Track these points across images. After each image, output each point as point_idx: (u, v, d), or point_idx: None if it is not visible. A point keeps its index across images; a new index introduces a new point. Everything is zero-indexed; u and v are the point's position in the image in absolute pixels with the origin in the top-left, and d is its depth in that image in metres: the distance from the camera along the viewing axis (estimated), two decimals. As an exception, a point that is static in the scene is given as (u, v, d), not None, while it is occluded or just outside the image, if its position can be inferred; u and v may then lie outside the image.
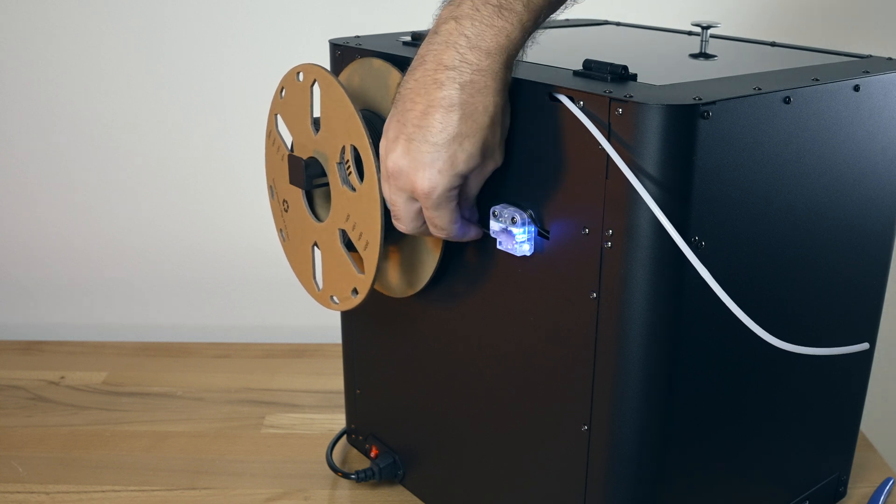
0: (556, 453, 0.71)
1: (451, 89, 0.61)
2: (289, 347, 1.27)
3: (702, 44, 0.80)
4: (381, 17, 1.23)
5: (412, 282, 0.79)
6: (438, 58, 0.62)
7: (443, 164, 0.63)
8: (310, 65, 0.76)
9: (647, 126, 0.58)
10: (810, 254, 0.72)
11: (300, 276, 0.83)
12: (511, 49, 0.61)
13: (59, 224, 1.34)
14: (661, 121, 0.57)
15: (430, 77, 0.62)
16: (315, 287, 0.81)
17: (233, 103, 1.27)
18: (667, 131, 0.58)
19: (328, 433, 1.03)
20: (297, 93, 0.78)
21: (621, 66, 0.64)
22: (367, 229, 0.72)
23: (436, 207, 0.65)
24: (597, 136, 0.60)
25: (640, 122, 0.58)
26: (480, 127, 0.62)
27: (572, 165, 0.63)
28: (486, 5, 0.61)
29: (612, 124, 0.59)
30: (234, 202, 1.32)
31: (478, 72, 0.61)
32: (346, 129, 0.72)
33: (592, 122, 0.60)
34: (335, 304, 0.79)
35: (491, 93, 0.62)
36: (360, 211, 0.73)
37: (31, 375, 1.18)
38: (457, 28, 0.61)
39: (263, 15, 1.24)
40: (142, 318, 1.36)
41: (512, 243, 0.68)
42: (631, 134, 0.58)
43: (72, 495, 0.92)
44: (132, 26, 1.25)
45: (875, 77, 0.70)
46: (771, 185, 0.65)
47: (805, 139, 0.67)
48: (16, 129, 1.29)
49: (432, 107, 0.62)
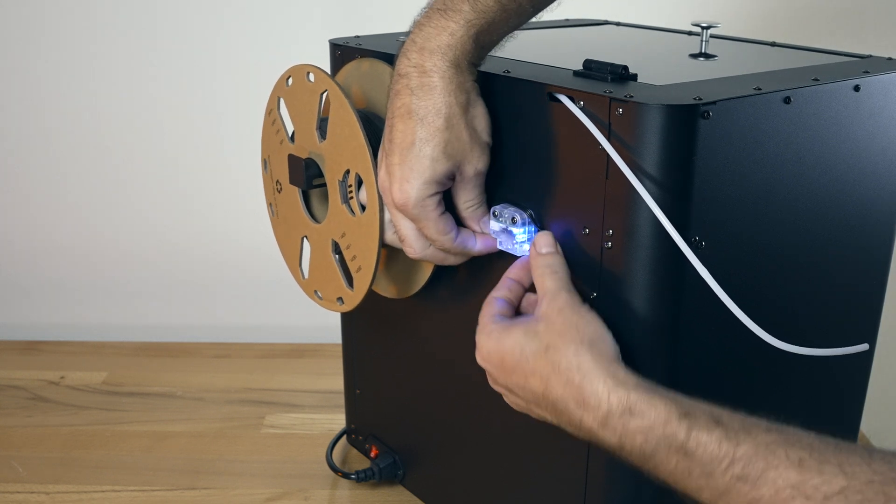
0: (556, 453, 0.71)
1: (405, 96, 0.61)
2: (289, 347, 1.27)
3: (702, 44, 0.80)
4: (381, 17, 1.23)
5: (408, 285, 0.79)
6: (396, 69, 0.62)
7: (408, 173, 0.63)
8: (324, 74, 0.74)
9: (647, 126, 0.58)
10: (810, 254, 0.72)
11: (286, 258, 0.83)
12: (457, 47, 0.60)
13: (58, 224, 1.34)
14: (661, 121, 0.57)
15: (392, 90, 0.63)
16: (300, 275, 0.81)
17: (233, 104, 1.27)
18: (667, 131, 0.58)
19: (328, 433, 1.03)
20: (306, 92, 0.77)
21: (621, 66, 0.64)
22: (362, 254, 0.72)
23: (417, 218, 0.65)
24: (597, 136, 0.60)
25: (640, 122, 0.58)
26: (437, 129, 0.62)
27: (572, 165, 0.63)
28: (434, 10, 0.61)
29: (612, 124, 0.59)
30: (234, 202, 1.32)
31: (424, 74, 0.61)
32: (353, 155, 0.71)
33: (592, 122, 0.60)
34: (318, 298, 0.79)
35: (441, 93, 0.61)
36: (358, 235, 0.72)
37: (31, 375, 1.17)
38: (410, 37, 0.62)
39: (263, 15, 1.24)
40: (142, 318, 1.36)
41: (512, 243, 0.68)
42: (631, 134, 0.58)
43: (72, 495, 0.92)
44: (130, 27, 1.25)
45: (875, 77, 0.70)
46: (771, 185, 0.65)
47: (805, 139, 0.67)
48: (15, 130, 1.29)
49: (393, 117, 0.63)
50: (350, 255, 0.73)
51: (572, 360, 0.58)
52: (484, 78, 0.68)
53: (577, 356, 0.58)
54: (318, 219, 0.79)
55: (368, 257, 0.72)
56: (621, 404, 0.56)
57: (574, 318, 0.60)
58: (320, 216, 0.79)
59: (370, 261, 0.71)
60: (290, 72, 0.78)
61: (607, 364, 0.58)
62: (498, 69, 0.68)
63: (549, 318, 0.61)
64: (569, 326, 0.60)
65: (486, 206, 0.69)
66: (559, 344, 0.59)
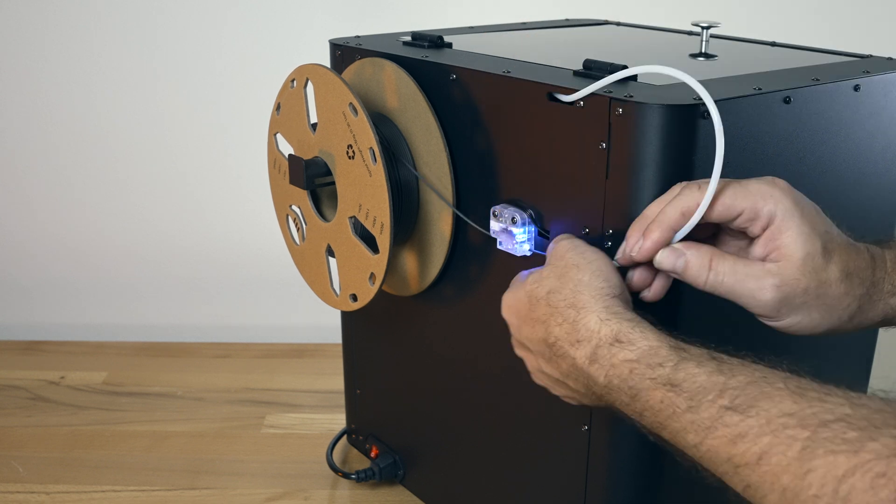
0: (557, 453, 0.71)
1: None
2: (289, 347, 1.27)
3: (702, 44, 0.80)
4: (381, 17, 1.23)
5: (421, 279, 0.79)
6: None
7: None
8: (302, 66, 0.75)
9: (647, 126, 0.58)
10: (810, 254, 0.72)
11: (318, 288, 0.83)
12: None
13: (58, 224, 1.34)
14: (661, 121, 0.57)
15: None
16: (333, 293, 0.81)
17: (234, 104, 1.27)
18: (667, 131, 0.58)
19: (328, 433, 1.03)
20: (293, 100, 0.78)
21: (621, 66, 0.64)
22: (380, 212, 0.72)
23: None
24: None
25: (640, 122, 0.58)
26: None
27: (572, 165, 0.63)
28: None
29: (612, 124, 0.59)
30: (235, 203, 1.32)
31: None
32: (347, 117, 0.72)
33: (592, 122, 0.60)
34: (354, 303, 0.79)
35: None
36: (370, 194, 0.73)
37: (31, 375, 1.17)
38: None
39: (263, 15, 1.24)
40: (142, 318, 1.36)
41: (512, 243, 0.68)
42: (631, 134, 0.58)
43: (72, 495, 0.92)
44: (131, 27, 1.25)
45: (875, 77, 0.70)
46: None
47: (805, 139, 0.67)
48: (16, 130, 1.29)
49: None
50: (371, 221, 0.73)
51: (569, 298, 0.58)
52: (484, 78, 0.68)
53: (575, 294, 0.57)
54: (328, 218, 0.79)
55: (383, 209, 0.71)
56: (611, 334, 0.55)
57: (576, 259, 0.59)
58: (329, 215, 0.79)
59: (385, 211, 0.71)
60: (278, 99, 0.80)
61: (605, 299, 0.57)
62: (498, 69, 0.68)
63: (553, 263, 0.61)
64: (569, 267, 0.59)
65: None
66: (559, 285, 0.59)
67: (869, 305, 0.58)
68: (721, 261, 0.56)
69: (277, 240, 0.87)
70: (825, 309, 0.57)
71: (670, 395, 0.51)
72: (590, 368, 0.56)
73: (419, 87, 0.73)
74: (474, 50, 0.78)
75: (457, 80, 0.70)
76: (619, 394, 0.54)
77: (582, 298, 0.57)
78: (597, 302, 0.57)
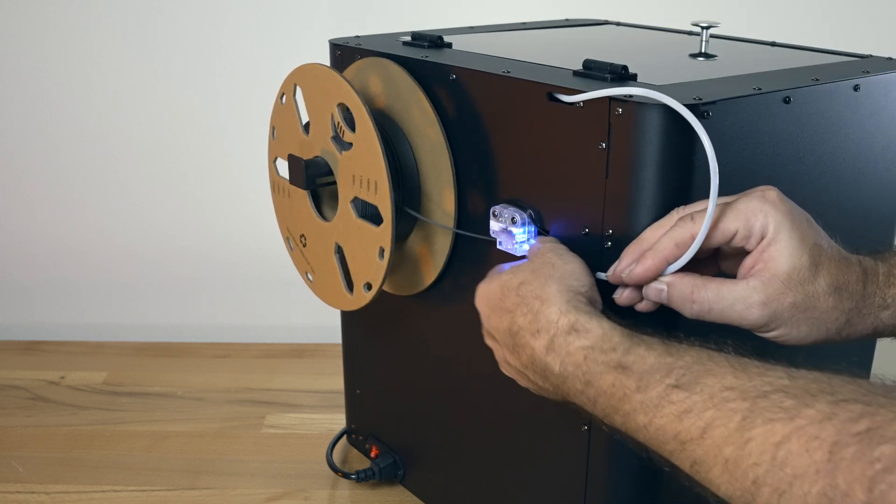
0: (557, 453, 0.71)
1: None
2: (289, 347, 1.27)
3: (702, 44, 0.80)
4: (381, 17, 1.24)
5: (420, 278, 0.79)
6: None
7: None
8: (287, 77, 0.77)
9: (647, 126, 0.58)
10: (810, 254, 0.72)
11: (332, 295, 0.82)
12: None
13: (58, 224, 1.34)
14: (661, 121, 0.57)
15: None
16: (348, 294, 0.80)
17: (234, 104, 1.27)
18: (667, 131, 0.58)
19: (328, 433, 1.03)
20: (285, 115, 0.79)
21: (621, 65, 0.64)
22: (374, 172, 0.72)
23: None
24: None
25: (640, 122, 0.58)
26: None
27: (572, 165, 0.63)
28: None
29: (612, 124, 0.59)
30: (235, 202, 1.32)
31: None
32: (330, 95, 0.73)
33: (592, 122, 0.60)
34: (369, 292, 0.78)
35: None
36: (363, 161, 0.73)
37: (31, 375, 1.18)
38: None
39: (263, 15, 1.24)
40: (142, 318, 1.36)
41: (512, 243, 0.68)
42: (631, 134, 0.58)
43: (72, 495, 0.92)
44: (131, 27, 1.25)
45: (875, 77, 0.70)
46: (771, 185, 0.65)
47: (805, 139, 0.67)
48: (16, 130, 1.29)
49: None
50: (367, 187, 0.73)
51: (537, 290, 0.58)
52: (484, 78, 0.68)
53: (543, 287, 0.58)
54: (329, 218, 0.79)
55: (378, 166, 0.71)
56: (568, 323, 0.56)
57: (553, 258, 0.61)
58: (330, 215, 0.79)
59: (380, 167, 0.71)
60: (272, 122, 0.80)
61: (569, 294, 0.58)
62: (498, 69, 0.68)
63: (531, 259, 0.62)
64: (545, 264, 0.60)
65: None
66: (531, 278, 0.60)
67: (858, 319, 0.58)
68: (703, 290, 0.57)
69: (277, 240, 0.87)
70: (813, 322, 0.57)
71: (621, 378, 0.52)
72: (547, 357, 0.57)
73: (419, 87, 0.73)
74: (474, 50, 0.78)
75: (457, 80, 0.70)
76: (574, 381, 0.55)
77: (548, 291, 0.58)
78: (561, 296, 0.58)
